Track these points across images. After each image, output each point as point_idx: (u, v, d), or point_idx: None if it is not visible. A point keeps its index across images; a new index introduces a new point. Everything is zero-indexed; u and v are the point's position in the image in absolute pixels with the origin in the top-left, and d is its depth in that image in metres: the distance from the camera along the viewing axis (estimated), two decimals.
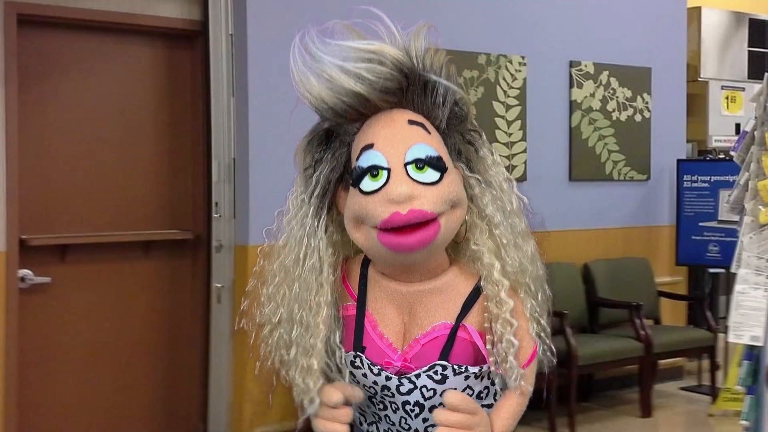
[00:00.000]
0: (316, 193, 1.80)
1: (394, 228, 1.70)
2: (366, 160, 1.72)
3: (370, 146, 1.74)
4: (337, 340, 1.81)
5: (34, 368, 4.77)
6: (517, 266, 1.81)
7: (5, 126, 4.57)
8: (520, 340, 1.78)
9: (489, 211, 1.81)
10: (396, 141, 1.73)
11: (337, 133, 1.81)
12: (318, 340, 1.77)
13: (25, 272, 4.71)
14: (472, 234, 1.82)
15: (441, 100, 1.78)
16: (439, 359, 1.77)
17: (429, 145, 1.74)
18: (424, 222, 1.70)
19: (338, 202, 1.83)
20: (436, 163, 1.72)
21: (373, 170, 1.71)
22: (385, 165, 1.71)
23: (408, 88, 1.76)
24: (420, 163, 1.71)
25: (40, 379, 4.80)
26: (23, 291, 4.70)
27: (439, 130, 1.79)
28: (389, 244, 1.71)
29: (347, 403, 1.78)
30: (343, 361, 1.81)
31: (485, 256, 1.80)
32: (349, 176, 1.76)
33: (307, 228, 1.81)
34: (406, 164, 1.71)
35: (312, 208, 1.80)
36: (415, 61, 1.75)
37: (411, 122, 1.76)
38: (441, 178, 1.72)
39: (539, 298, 1.86)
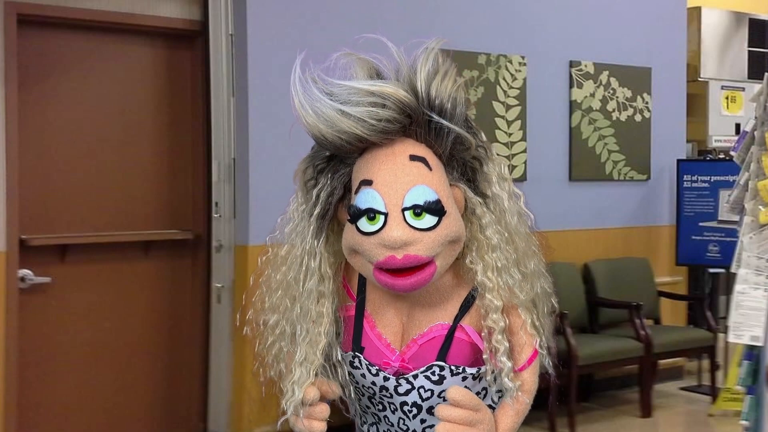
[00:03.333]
0: (316, 213, 1.79)
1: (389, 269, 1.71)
2: (364, 201, 1.71)
3: (369, 182, 1.72)
4: (337, 351, 1.82)
5: (34, 368, 4.77)
6: (511, 286, 1.80)
7: (5, 126, 4.57)
8: (516, 347, 1.80)
9: (488, 233, 1.80)
10: (395, 182, 1.70)
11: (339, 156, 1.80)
12: (318, 349, 1.78)
13: (25, 272, 4.71)
14: (469, 250, 1.81)
15: (445, 133, 1.75)
16: (436, 360, 1.77)
17: (429, 186, 1.71)
18: (420, 266, 1.70)
19: (339, 215, 1.82)
20: (435, 208, 1.70)
21: (370, 213, 1.70)
22: (383, 209, 1.69)
23: (411, 124, 1.73)
24: (418, 209, 1.69)
25: (40, 379, 4.80)
26: (23, 291, 4.70)
27: (442, 158, 1.77)
28: (384, 284, 1.72)
29: (326, 400, 1.79)
30: (341, 359, 1.82)
31: (478, 276, 1.79)
32: (346, 209, 1.75)
33: (308, 247, 1.80)
34: (403, 209, 1.69)
35: (312, 228, 1.80)
36: (420, 97, 1.71)
37: (413, 158, 1.73)
38: (439, 222, 1.71)
39: (539, 313, 1.85)
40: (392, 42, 1.76)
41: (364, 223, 1.70)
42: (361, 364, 1.80)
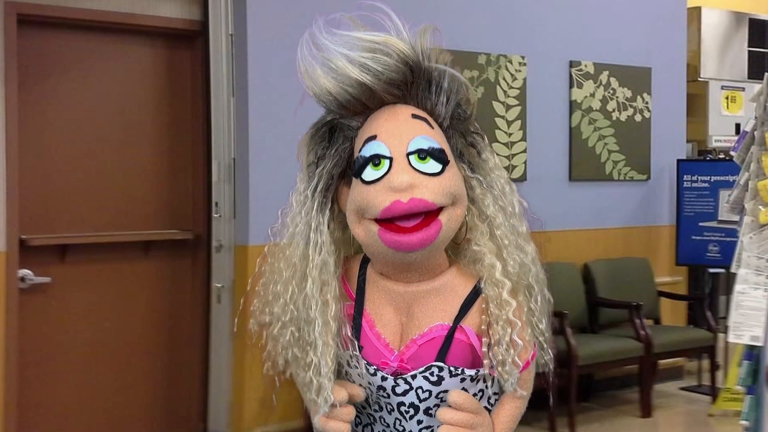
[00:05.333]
0: (319, 188, 1.80)
1: (394, 219, 1.70)
2: (369, 150, 1.73)
3: (373, 138, 1.74)
4: (349, 332, 1.80)
5: (34, 368, 4.77)
6: (518, 267, 1.80)
7: (5, 126, 4.57)
8: (516, 346, 1.77)
9: (490, 212, 1.81)
10: (399, 132, 1.73)
11: (340, 128, 1.81)
12: (330, 337, 1.77)
13: (25, 272, 4.71)
14: (472, 235, 1.81)
15: (445, 97, 1.79)
16: (435, 360, 1.76)
17: (432, 137, 1.74)
18: (426, 220, 1.70)
19: (340, 198, 1.82)
20: (438, 155, 1.72)
21: (375, 159, 1.71)
22: (388, 154, 1.71)
23: (413, 83, 1.77)
24: (422, 154, 1.71)
25: (40, 379, 4.80)
26: (23, 291, 4.70)
27: (441, 128, 1.79)
28: (390, 242, 1.70)
29: (350, 401, 1.78)
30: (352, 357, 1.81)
31: (486, 257, 1.79)
32: (351, 171, 1.76)
33: (313, 224, 1.80)
34: (408, 154, 1.71)
35: (316, 203, 1.80)
36: (420, 55, 1.76)
37: (414, 116, 1.76)
38: (443, 170, 1.72)
39: (539, 302, 1.85)
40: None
41: (369, 172, 1.71)
42: (359, 364, 1.79)
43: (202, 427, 5.32)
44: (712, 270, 7.26)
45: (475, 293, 1.80)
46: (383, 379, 1.78)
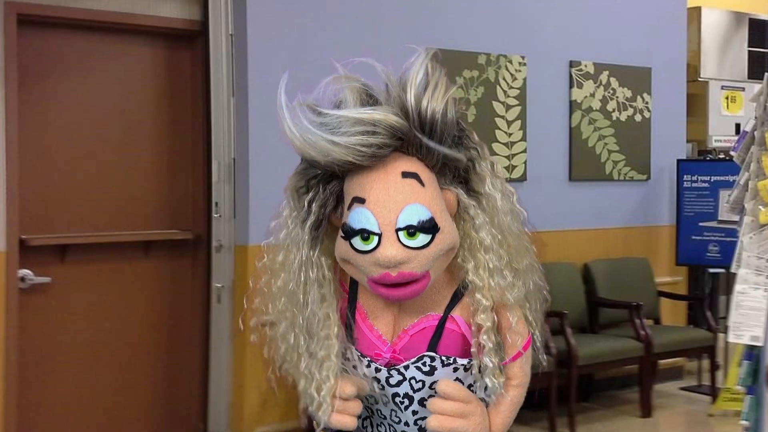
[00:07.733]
0: (310, 224, 1.79)
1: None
2: (357, 221, 1.71)
3: (361, 201, 1.72)
4: (353, 350, 1.83)
5: (34, 368, 4.77)
6: (503, 287, 1.80)
7: (5, 126, 4.57)
8: (506, 341, 1.80)
9: (482, 234, 1.80)
10: (388, 201, 1.70)
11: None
12: (332, 353, 1.78)
13: (25, 272, 4.71)
14: (462, 248, 1.81)
15: (438, 139, 1.74)
16: (427, 350, 1.78)
17: (422, 204, 1.71)
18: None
19: (332, 220, 1.82)
20: (428, 226, 1.71)
21: (364, 233, 1.71)
22: (376, 230, 1.70)
23: (402, 145, 1.73)
24: (411, 230, 1.70)
25: (40, 379, 4.80)
26: (23, 291, 4.70)
27: (435, 168, 1.77)
28: (379, 294, 1.74)
29: (357, 396, 1.80)
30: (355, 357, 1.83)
31: (469, 274, 1.80)
32: (340, 227, 1.75)
33: (304, 258, 1.80)
34: (397, 230, 1.70)
35: (307, 238, 1.80)
36: (411, 117, 1.71)
37: (405, 174, 1.73)
38: (432, 239, 1.71)
39: (531, 308, 1.86)
40: (391, 43, 1.77)
41: (358, 242, 1.72)
42: (352, 356, 1.81)
43: (202, 427, 5.32)
44: (712, 270, 7.26)
45: (466, 283, 1.82)
46: (377, 370, 1.81)
